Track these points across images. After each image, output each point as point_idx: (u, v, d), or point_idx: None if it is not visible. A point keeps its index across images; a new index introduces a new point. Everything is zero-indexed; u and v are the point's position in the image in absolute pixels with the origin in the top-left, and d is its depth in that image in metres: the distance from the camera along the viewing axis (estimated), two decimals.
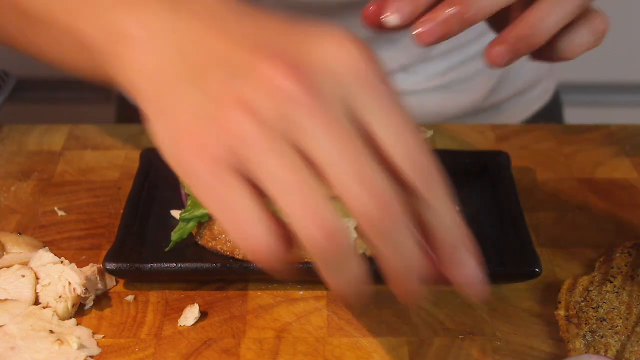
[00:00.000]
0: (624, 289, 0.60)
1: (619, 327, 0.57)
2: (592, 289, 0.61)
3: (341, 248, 0.43)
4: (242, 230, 0.44)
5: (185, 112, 0.46)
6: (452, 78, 0.90)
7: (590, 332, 0.57)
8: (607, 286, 0.61)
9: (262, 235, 0.44)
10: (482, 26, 0.57)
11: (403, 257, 0.45)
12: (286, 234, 0.44)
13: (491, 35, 0.95)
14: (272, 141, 0.43)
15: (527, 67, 0.96)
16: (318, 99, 0.44)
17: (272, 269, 0.45)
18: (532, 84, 0.97)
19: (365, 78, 0.45)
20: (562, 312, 0.59)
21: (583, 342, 0.57)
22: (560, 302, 0.60)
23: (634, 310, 0.58)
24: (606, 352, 0.56)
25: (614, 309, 0.59)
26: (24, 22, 0.58)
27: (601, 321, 0.58)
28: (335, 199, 0.44)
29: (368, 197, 0.43)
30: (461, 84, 0.91)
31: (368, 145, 0.44)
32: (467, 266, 0.46)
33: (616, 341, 0.56)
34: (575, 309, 0.59)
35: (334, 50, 0.45)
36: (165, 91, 0.47)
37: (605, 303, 0.59)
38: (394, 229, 0.44)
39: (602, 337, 0.57)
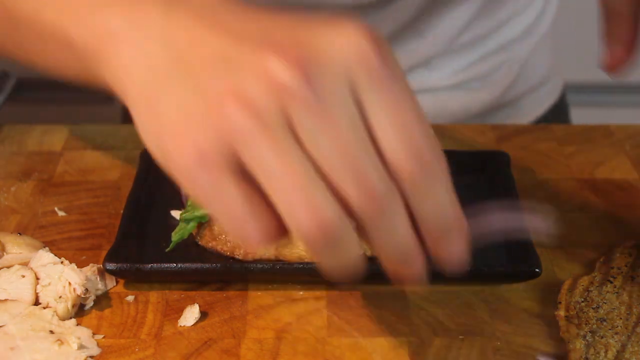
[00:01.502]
0: (624, 289, 0.60)
1: (619, 327, 0.57)
2: (592, 289, 0.61)
3: (335, 237, 0.43)
4: (237, 227, 0.44)
5: (172, 109, 0.45)
6: (473, 74, 0.90)
7: (590, 332, 0.57)
8: (607, 286, 0.61)
9: (257, 230, 0.44)
10: (501, 16, 0.57)
11: (394, 244, 0.45)
12: (282, 224, 0.44)
13: (511, 26, 0.94)
14: (266, 132, 0.43)
15: (540, 61, 0.96)
16: (317, 92, 0.43)
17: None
18: (544, 79, 0.98)
19: (372, 71, 0.44)
20: (562, 312, 0.59)
21: (583, 342, 0.57)
22: (560, 302, 0.60)
23: (634, 310, 0.58)
24: (606, 352, 0.56)
25: (614, 309, 0.59)
26: (12, 25, 0.57)
27: (601, 321, 0.58)
28: None
29: (359, 194, 0.43)
30: (481, 80, 0.90)
31: (368, 139, 0.44)
32: (454, 247, 0.47)
33: (616, 341, 0.56)
34: (575, 309, 0.59)
35: (341, 42, 0.44)
36: (152, 88, 0.46)
37: (605, 303, 0.59)
38: (385, 220, 0.44)
39: (602, 337, 0.57)
